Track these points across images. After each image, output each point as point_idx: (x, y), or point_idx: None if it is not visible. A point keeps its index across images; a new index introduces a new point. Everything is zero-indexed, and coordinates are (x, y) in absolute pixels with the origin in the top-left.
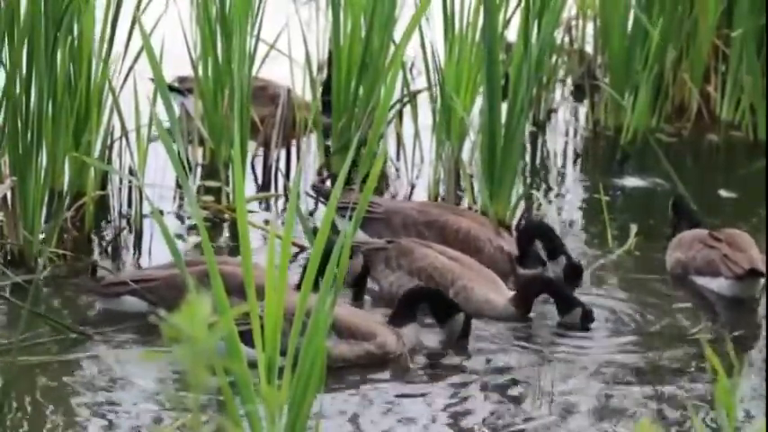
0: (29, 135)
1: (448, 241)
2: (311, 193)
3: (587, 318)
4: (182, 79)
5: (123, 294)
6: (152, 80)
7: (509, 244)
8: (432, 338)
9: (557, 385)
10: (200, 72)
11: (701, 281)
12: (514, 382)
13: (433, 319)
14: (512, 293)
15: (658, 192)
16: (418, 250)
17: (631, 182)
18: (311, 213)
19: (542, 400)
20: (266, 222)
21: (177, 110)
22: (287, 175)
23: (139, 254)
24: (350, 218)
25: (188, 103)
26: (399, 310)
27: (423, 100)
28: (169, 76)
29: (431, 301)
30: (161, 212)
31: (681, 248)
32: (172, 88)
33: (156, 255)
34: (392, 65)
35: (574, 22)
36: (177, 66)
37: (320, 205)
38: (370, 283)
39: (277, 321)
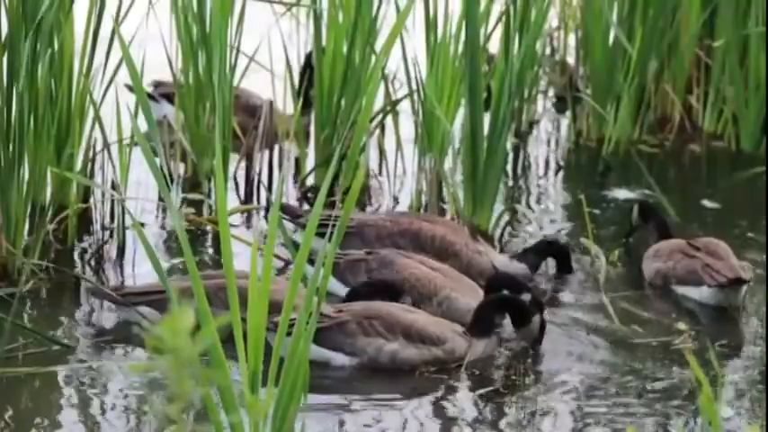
0: (11, 148)
1: (423, 248)
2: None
3: (543, 328)
4: (157, 84)
5: (139, 304)
6: (128, 87)
7: (485, 246)
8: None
9: (539, 397)
10: (182, 84)
11: (683, 290)
12: (497, 393)
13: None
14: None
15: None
16: (399, 260)
17: (621, 194)
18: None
19: (525, 412)
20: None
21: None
22: (269, 188)
23: (122, 266)
24: (322, 234)
25: (170, 115)
26: (477, 320)
27: (405, 113)
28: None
29: (509, 309)
30: (143, 225)
31: (659, 258)
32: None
33: (139, 268)
34: (372, 73)
35: (555, 34)
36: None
37: (304, 216)
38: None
39: (260, 332)
